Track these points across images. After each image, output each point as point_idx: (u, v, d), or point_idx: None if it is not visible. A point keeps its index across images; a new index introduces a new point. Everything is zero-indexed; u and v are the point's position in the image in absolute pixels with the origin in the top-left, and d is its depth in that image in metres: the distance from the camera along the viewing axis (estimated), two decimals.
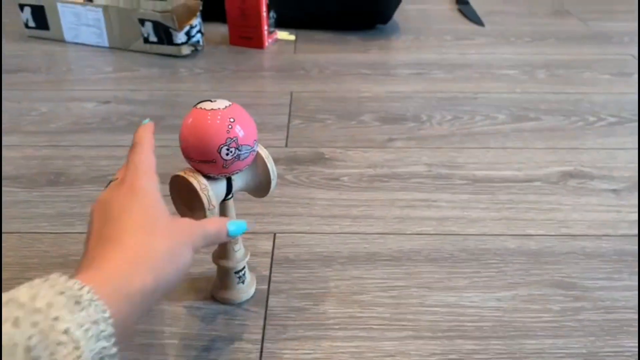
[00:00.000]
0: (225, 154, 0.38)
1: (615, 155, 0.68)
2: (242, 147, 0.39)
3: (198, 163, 0.40)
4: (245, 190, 0.44)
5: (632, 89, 0.86)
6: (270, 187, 0.43)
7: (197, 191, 0.39)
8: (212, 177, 0.40)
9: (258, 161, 0.42)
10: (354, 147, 0.69)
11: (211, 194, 0.39)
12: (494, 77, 0.90)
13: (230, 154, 0.38)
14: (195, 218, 0.38)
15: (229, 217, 0.43)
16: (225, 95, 0.82)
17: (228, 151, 0.38)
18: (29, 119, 0.76)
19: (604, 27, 1.13)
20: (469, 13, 1.20)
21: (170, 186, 0.41)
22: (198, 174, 0.40)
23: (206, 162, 0.39)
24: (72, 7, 0.99)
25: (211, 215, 0.39)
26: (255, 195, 0.45)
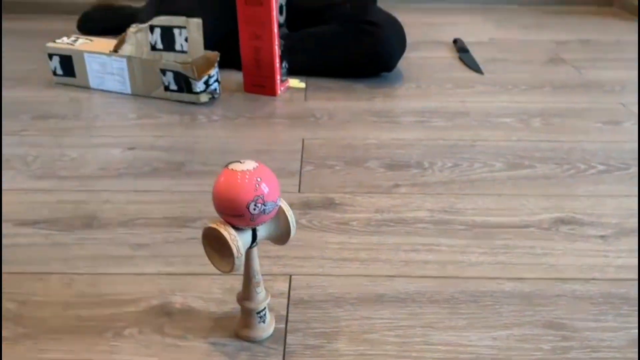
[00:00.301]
0: (252, 209, 0.44)
1: (604, 202, 0.73)
2: (267, 203, 0.44)
3: (228, 217, 0.45)
4: (267, 239, 0.49)
5: (621, 138, 0.92)
6: (290, 236, 0.49)
7: (227, 242, 0.44)
8: (240, 228, 0.46)
9: (280, 214, 0.48)
10: (361, 193, 0.75)
11: (239, 243, 0.45)
12: (491, 125, 0.96)
13: (257, 209, 0.44)
14: (224, 264, 0.43)
15: (253, 262, 0.49)
16: (241, 141, 0.89)
17: (255, 207, 0.44)
18: (60, 164, 0.82)
19: (596, 76, 1.20)
20: (469, 61, 1.27)
21: (203, 236, 0.47)
22: (228, 225, 0.45)
23: (236, 216, 0.45)
24: (98, 57, 1.07)
25: (239, 262, 0.45)
26: (276, 243, 0.50)
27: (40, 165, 0.82)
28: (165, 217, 0.69)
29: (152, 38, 1.01)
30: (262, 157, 0.85)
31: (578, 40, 1.48)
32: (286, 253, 0.62)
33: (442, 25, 1.61)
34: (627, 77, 1.19)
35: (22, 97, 1.06)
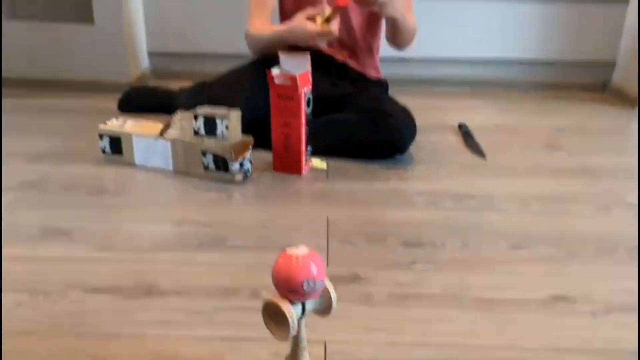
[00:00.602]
0: (305, 287, 0.55)
1: (594, 282, 0.84)
2: (317, 282, 0.56)
3: (285, 292, 0.56)
4: (313, 311, 0.60)
5: (611, 222, 1.03)
6: (332, 310, 0.59)
7: (284, 314, 0.55)
8: (293, 302, 0.57)
9: (324, 291, 0.59)
10: (383, 268, 0.86)
11: (294, 316, 0.56)
12: (495, 208, 1.08)
13: (309, 288, 0.55)
14: (281, 332, 0.54)
15: (301, 330, 0.59)
16: (274, 218, 1.01)
17: (307, 285, 0.55)
18: (118, 237, 0.94)
19: (589, 162, 1.33)
20: (473, 145, 1.41)
21: (263, 307, 0.58)
22: (285, 300, 0.56)
23: (291, 292, 0.56)
24: (145, 139, 1.21)
25: (293, 331, 0.55)
26: (319, 315, 0.61)
27: (100, 237, 0.93)
28: (214, 286, 0.80)
29: (196, 125, 1.15)
30: (293, 233, 0.96)
31: (573, 126, 1.63)
32: (320, 322, 0.73)
33: (448, 109, 1.76)
34: (617, 164, 1.32)
35: (77, 173, 1.20)
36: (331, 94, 1.37)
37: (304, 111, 1.17)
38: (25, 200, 1.07)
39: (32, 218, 0.99)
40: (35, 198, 1.08)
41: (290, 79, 1.14)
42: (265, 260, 0.86)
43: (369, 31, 1.44)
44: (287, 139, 1.19)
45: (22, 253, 0.88)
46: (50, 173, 1.19)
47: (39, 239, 0.93)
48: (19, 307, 0.75)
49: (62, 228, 0.96)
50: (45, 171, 1.20)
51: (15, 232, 0.94)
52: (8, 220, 0.98)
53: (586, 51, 2.00)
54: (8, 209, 1.03)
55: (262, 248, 0.91)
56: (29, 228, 0.96)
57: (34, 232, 0.95)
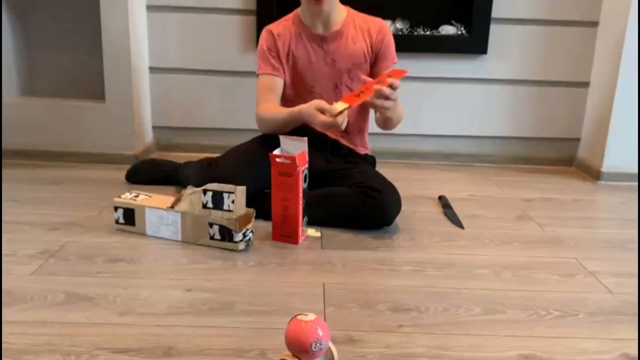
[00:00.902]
0: (313, 348, 0.67)
1: (558, 342, 0.96)
2: (323, 344, 0.68)
3: (297, 352, 0.68)
4: None
5: (573, 288, 1.17)
6: None
7: None
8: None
9: (328, 351, 0.71)
10: (374, 331, 0.98)
11: None
12: (472, 275, 1.21)
13: (316, 348, 0.67)
14: None
15: None
16: (275, 285, 1.13)
17: (315, 346, 0.67)
18: (136, 302, 1.05)
19: (557, 233, 1.48)
20: (452, 216, 1.55)
21: None
22: (296, 359, 0.68)
23: (302, 352, 0.68)
24: (157, 211, 1.33)
25: None
26: None
27: (120, 303, 1.04)
28: (226, 348, 0.91)
29: (204, 199, 1.28)
30: (293, 298, 1.08)
31: (542, 198, 1.79)
32: None
33: (429, 182, 1.92)
34: (580, 235, 1.47)
35: (93, 242, 1.31)
36: (325, 169, 1.52)
37: (301, 187, 1.31)
38: (49, 268, 1.17)
39: (57, 285, 1.10)
40: (58, 266, 1.18)
41: (290, 159, 1.28)
42: (270, 323, 0.98)
43: (360, 116, 1.61)
44: (286, 211, 1.33)
45: (52, 318, 0.98)
46: (69, 242, 1.30)
47: (65, 304, 1.03)
48: None
49: (85, 294, 1.07)
50: (64, 241, 1.31)
51: (43, 297, 1.05)
52: (36, 287, 1.08)
53: (554, 129, 2.19)
54: (34, 276, 1.13)
55: (266, 313, 1.03)
56: (55, 294, 1.06)
57: (60, 298, 1.05)
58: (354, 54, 1.54)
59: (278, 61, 1.54)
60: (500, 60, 2.10)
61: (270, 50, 1.54)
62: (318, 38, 1.53)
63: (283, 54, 1.54)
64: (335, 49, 1.53)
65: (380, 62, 1.56)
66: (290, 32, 1.54)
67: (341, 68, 1.54)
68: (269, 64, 1.54)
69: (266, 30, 1.56)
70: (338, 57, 1.54)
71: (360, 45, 1.54)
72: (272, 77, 1.54)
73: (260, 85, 1.55)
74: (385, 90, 1.32)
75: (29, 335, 0.93)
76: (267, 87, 1.54)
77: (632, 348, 0.95)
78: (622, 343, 0.97)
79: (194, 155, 1.88)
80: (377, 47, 1.55)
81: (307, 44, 1.54)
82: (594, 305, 1.10)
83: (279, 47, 1.54)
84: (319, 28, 1.53)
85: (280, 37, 1.54)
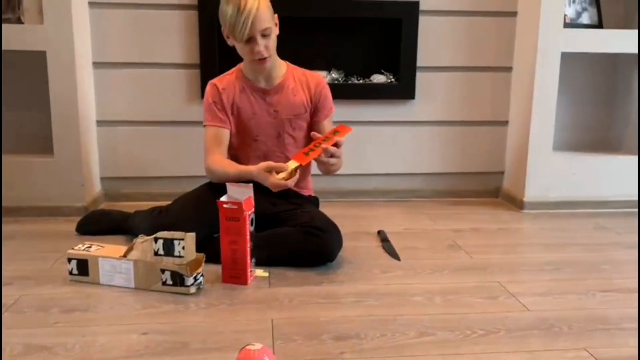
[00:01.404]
0: None
1: (481, 358, 1.09)
2: None
3: None
4: None
5: (496, 309, 1.31)
6: None
7: None
8: None
9: None
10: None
11: None
12: (407, 302, 1.34)
13: None
14: None
15: None
16: (226, 323, 1.21)
17: None
18: (94, 349, 1.10)
19: (483, 260, 1.64)
20: (389, 249, 1.69)
21: None
22: None
23: None
24: (110, 260, 1.40)
25: None
26: None
27: (79, 350, 1.10)
28: None
29: (156, 246, 1.36)
30: (244, 336, 1.16)
31: (471, 228, 1.96)
32: None
33: (368, 218, 2.06)
34: (504, 261, 1.63)
35: (48, 294, 1.35)
36: (271, 212, 1.62)
37: (248, 230, 1.41)
38: (5, 323, 1.21)
39: (14, 338, 1.14)
40: (13, 320, 1.22)
41: (237, 204, 1.38)
42: (223, 359, 1.06)
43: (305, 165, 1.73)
44: (235, 254, 1.42)
45: None
46: (23, 296, 1.34)
47: (23, 355, 1.08)
48: None
49: (43, 344, 1.11)
50: (18, 294, 1.35)
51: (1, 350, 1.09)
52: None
53: (479, 164, 2.39)
54: None
55: (219, 349, 1.11)
56: (13, 346, 1.11)
57: (18, 350, 1.09)
58: (294, 105, 1.67)
59: (224, 113, 1.65)
60: (427, 104, 2.29)
61: (216, 103, 1.65)
62: (261, 91, 1.66)
63: (228, 106, 1.65)
64: (277, 100, 1.66)
65: (319, 112, 1.70)
66: (234, 86, 1.66)
67: (283, 118, 1.67)
68: (215, 117, 1.65)
69: (211, 84, 1.68)
70: (280, 108, 1.66)
71: (300, 97, 1.67)
72: (218, 128, 1.65)
73: (208, 137, 1.66)
74: (331, 149, 1.46)
75: None
76: (214, 138, 1.65)
77: (543, 358, 1.09)
78: (535, 355, 1.11)
79: (142, 204, 1.95)
80: (315, 99, 1.69)
81: (251, 97, 1.66)
82: (513, 323, 1.24)
83: (224, 100, 1.65)
84: (261, 82, 1.66)
85: (225, 90, 1.65)
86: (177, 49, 2.15)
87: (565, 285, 1.46)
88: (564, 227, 2.00)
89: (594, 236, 1.90)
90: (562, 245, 1.80)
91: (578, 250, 1.74)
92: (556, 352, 1.12)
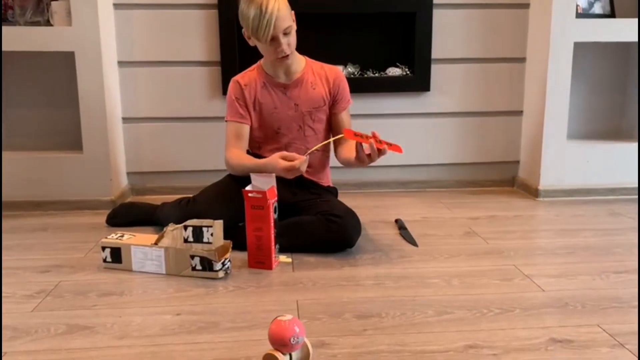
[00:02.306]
0: (292, 342, 0.83)
1: (497, 334, 1.14)
2: (299, 338, 0.84)
3: (278, 346, 0.84)
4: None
5: (511, 290, 1.36)
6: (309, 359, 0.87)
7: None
8: (283, 353, 0.84)
9: (304, 345, 0.87)
10: (342, 335, 1.14)
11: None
12: (425, 284, 1.39)
13: (294, 341, 0.83)
14: None
15: None
16: (253, 305, 1.28)
17: (293, 340, 0.83)
18: (131, 327, 1.18)
19: (499, 245, 1.68)
20: (407, 237, 1.74)
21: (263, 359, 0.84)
22: (278, 352, 0.84)
23: (282, 346, 0.83)
24: (142, 248, 1.47)
25: None
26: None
27: (117, 329, 1.17)
28: (216, 358, 1.05)
29: (185, 234, 1.43)
30: (271, 315, 1.22)
31: (487, 216, 2.00)
32: None
33: (386, 207, 2.12)
34: (519, 245, 1.68)
35: (84, 280, 1.43)
36: (292, 201, 1.69)
37: (272, 218, 1.47)
38: (47, 305, 1.29)
39: (57, 319, 1.22)
40: (55, 303, 1.30)
41: (261, 193, 1.45)
42: (252, 336, 1.14)
43: (323, 154, 1.80)
44: (260, 240, 1.49)
45: (57, 345, 1.11)
46: (62, 282, 1.42)
47: (67, 333, 1.16)
48: None
49: (84, 324, 1.19)
50: (57, 280, 1.43)
51: (47, 330, 1.17)
52: (38, 322, 1.20)
53: (495, 154, 2.43)
54: (35, 312, 1.25)
55: (248, 327, 1.17)
56: (57, 326, 1.18)
57: (62, 329, 1.17)
58: (314, 98, 1.73)
59: (245, 109, 1.72)
60: (442, 95, 2.34)
61: (238, 99, 1.72)
62: (281, 86, 1.72)
63: (250, 102, 1.72)
64: (297, 94, 1.72)
65: (338, 104, 1.75)
66: (256, 82, 1.73)
67: (304, 111, 1.73)
68: (236, 112, 1.72)
69: (234, 81, 1.74)
70: (300, 102, 1.72)
71: (319, 91, 1.73)
72: (239, 124, 1.72)
73: (229, 132, 1.73)
74: (375, 147, 1.49)
75: None
76: (234, 133, 1.71)
77: (557, 333, 1.14)
78: (550, 330, 1.16)
79: (167, 197, 2.03)
80: (334, 91, 1.74)
81: (272, 92, 1.72)
82: (528, 302, 1.29)
83: (246, 96, 1.72)
84: (281, 77, 1.72)
85: (247, 87, 1.72)
86: (198, 47, 2.22)
87: (579, 267, 1.51)
88: (578, 213, 2.04)
89: (608, 222, 1.94)
90: (576, 230, 1.84)
91: (592, 235, 1.78)
92: (570, 328, 1.16)
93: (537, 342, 1.11)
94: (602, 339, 1.12)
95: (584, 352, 1.07)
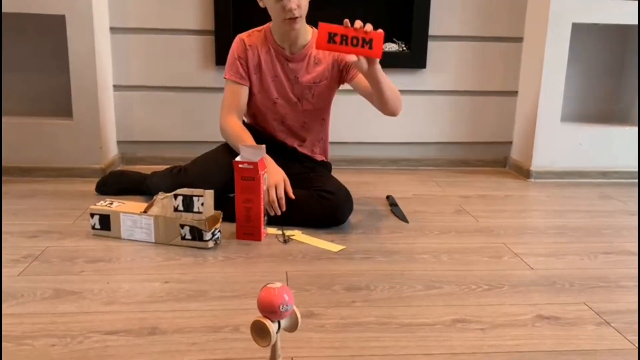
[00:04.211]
0: (281, 309, 0.82)
1: (485, 309, 1.15)
2: (288, 305, 0.83)
3: (267, 313, 0.83)
4: (284, 329, 0.87)
5: (500, 267, 1.36)
6: (297, 327, 0.87)
7: (268, 328, 0.82)
8: (272, 320, 0.84)
9: (292, 313, 0.86)
10: (331, 307, 1.14)
11: (274, 329, 0.82)
12: (414, 260, 1.39)
13: (283, 309, 0.83)
14: (264, 342, 0.80)
15: (277, 343, 0.86)
16: (242, 275, 1.27)
17: (282, 307, 0.82)
18: (119, 294, 1.17)
19: (489, 223, 1.69)
20: (398, 213, 1.74)
21: (251, 325, 0.84)
22: (267, 319, 0.83)
23: (271, 313, 0.83)
24: (131, 216, 1.46)
25: (273, 341, 0.82)
26: (289, 331, 0.88)
27: (105, 295, 1.17)
28: (203, 325, 1.05)
29: (175, 203, 1.42)
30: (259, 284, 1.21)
31: (478, 195, 2.01)
32: (289, 343, 0.99)
33: (378, 184, 2.11)
34: (509, 224, 1.68)
35: (72, 246, 1.42)
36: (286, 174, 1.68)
37: (262, 189, 1.46)
38: (34, 269, 1.28)
39: (44, 283, 1.21)
40: (42, 268, 1.29)
41: (252, 164, 1.44)
42: (240, 305, 1.13)
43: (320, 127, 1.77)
44: (249, 211, 1.48)
45: (44, 309, 1.10)
46: (49, 247, 1.41)
47: (54, 298, 1.15)
48: (52, 347, 0.97)
49: (71, 289, 1.18)
50: (44, 246, 1.42)
51: (33, 294, 1.16)
52: (24, 286, 1.19)
53: (488, 133, 2.43)
54: (21, 277, 1.24)
55: (236, 297, 1.17)
56: (44, 290, 1.18)
57: (49, 293, 1.16)
58: (315, 74, 1.68)
59: (245, 70, 1.67)
60: (438, 73, 2.32)
61: (240, 59, 1.67)
62: (284, 56, 1.68)
63: (252, 64, 1.67)
64: (298, 68, 1.68)
65: (351, 70, 1.66)
66: (261, 45, 1.68)
67: (303, 84, 1.69)
68: (236, 72, 1.67)
69: (239, 39, 1.70)
70: (300, 75, 1.69)
71: (321, 66, 1.69)
72: (237, 85, 1.67)
73: (226, 91, 1.69)
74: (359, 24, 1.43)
75: (25, 324, 1.04)
76: (232, 93, 1.67)
77: (545, 310, 1.15)
78: (537, 307, 1.17)
79: (157, 167, 2.00)
80: (340, 60, 1.68)
81: (275, 60, 1.68)
82: (516, 280, 1.30)
83: (249, 56, 1.67)
84: (286, 47, 1.68)
85: (251, 47, 1.67)
86: (192, 15, 2.18)
87: (568, 247, 1.51)
88: (569, 195, 2.05)
89: (598, 204, 1.95)
90: (567, 211, 1.85)
91: (582, 216, 1.79)
92: (557, 306, 1.17)
93: (525, 319, 1.12)
94: (588, 316, 1.13)
95: (570, 329, 1.08)
